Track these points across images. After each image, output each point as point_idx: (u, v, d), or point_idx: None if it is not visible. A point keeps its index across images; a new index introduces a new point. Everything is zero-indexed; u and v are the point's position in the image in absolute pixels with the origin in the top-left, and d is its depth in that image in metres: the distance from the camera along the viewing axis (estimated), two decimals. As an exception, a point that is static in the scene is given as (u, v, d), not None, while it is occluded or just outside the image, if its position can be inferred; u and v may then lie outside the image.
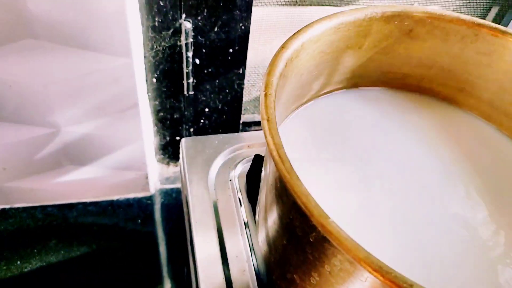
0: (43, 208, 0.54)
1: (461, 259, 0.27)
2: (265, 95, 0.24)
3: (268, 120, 0.23)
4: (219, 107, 0.54)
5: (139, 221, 0.57)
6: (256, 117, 0.59)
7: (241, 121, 0.58)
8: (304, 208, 0.20)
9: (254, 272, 0.34)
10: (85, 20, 0.38)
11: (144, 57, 0.46)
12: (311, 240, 0.22)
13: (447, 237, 0.29)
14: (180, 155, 0.42)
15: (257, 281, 0.33)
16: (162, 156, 0.59)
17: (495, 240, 0.29)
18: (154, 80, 0.48)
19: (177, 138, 0.56)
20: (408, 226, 0.28)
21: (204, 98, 0.53)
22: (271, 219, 0.27)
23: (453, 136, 0.35)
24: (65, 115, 0.46)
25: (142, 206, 0.56)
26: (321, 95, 0.36)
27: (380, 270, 0.18)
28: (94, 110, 0.46)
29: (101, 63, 0.43)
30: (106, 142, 0.50)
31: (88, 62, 0.43)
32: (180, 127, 0.56)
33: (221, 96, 0.53)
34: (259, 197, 0.32)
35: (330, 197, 0.29)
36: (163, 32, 0.44)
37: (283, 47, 0.27)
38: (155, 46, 0.45)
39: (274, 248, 0.28)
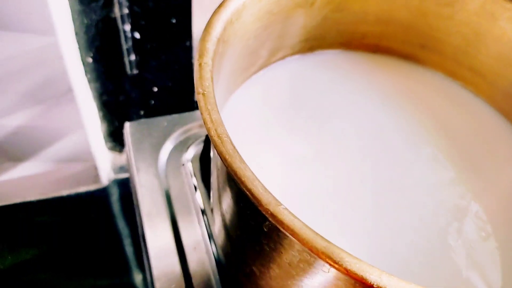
0: (-18, 212, 0.49)
1: (423, 226, 0.25)
2: (200, 64, 0.20)
3: (203, 94, 0.19)
4: (169, 85, 0.50)
5: (95, 214, 0.53)
6: (211, 93, 0.55)
7: (194, 100, 0.53)
8: (250, 195, 0.16)
9: (214, 263, 0.31)
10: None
11: (76, 34, 0.41)
12: (265, 230, 0.19)
13: (410, 204, 0.27)
14: (125, 142, 0.38)
15: (218, 273, 0.30)
16: (113, 143, 0.54)
17: (460, 203, 0.27)
18: (90, 60, 0.43)
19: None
20: (370, 198, 0.26)
21: (150, 77, 0.48)
22: (224, 206, 0.24)
23: (417, 96, 0.33)
24: (-10, 107, 0.40)
25: (95, 199, 0.52)
26: (273, 62, 0.32)
27: (342, 261, 0.15)
28: (24, 99, 0.41)
29: (24, 45, 0.38)
30: (43, 133, 0.45)
31: (8, 44, 0.37)
32: (129, 111, 0.51)
33: (169, 74, 0.49)
34: (211, 182, 0.28)
35: (286, 178, 0.26)
36: (93, 3, 0.39)
37: (220, 6, 0.23)
38: (85, 21, 0.40)
39: (230, 239, 0.25)
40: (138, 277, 0.61)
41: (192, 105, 0.54)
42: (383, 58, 0.35)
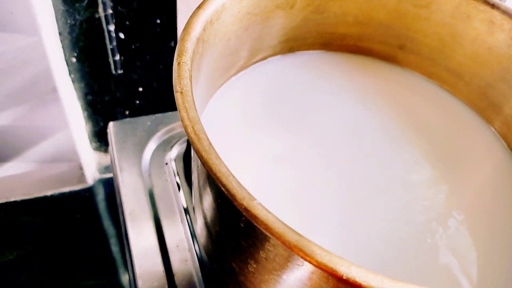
0: (-35, 212, 0.48)
1: (398, 220, 0.26)
2: (178, 63, 0.21)
3: (181, 93, 0.19)
4: (154, 85, 0.50)
5: (78, 215, 0.53)
6: (197, 93, 0.55)
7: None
8: (225, 190, 0.17)
9: (197, 261, 0.31)
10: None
11: (60, 34, 0.41)
12: (241, 225, 0.19)
13: (386, 199, 0.27)
14: (109, 141, 0.38)
15: (201, 270, 0.31)
16: (99, 143, 0.54)
17: (436, 199, 0.28)
18: (74, 59, 0.43)
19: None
20: (347, 193, 0.26)
21: (135, 77, 0.48)
22: (205, 204, 0.24)
23: (395, 96, 0.33)
24: (-28, 107, 0.40)
25: (80, 199, 0.52)
26: (254, 63, 0.32)
27: (313, 254, 0.15)
28: (8, 99, 0.41)
29: (7, 44, 0.38)
30: (27, 133, 0.45)
31: (-10, 44, 0.37)
32: (114, 111, 0.51)
33: (154, 74, 0.49)
34: (192, 180, 0.29)
35: (266, 176, 0.27)
36: (77, 4, 0.39)
37: (199, 7, 0.24)
38: (69, 21, 0.40)
39: (211, 236, 0.25)
40: (124, 277, 0.61)
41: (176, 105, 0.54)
42: (362, 58, 0.35)
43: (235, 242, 0.21)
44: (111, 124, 0.38)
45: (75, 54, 0.43)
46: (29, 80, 0.40)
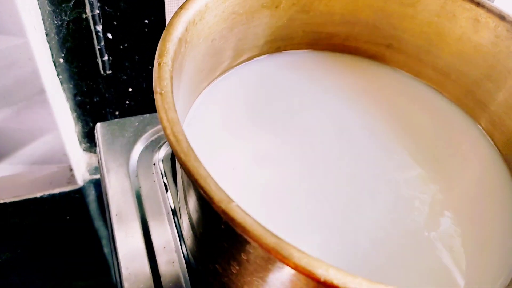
0: (-47, 215, 0.48)
1: (385, 219, 0.26)
2: (159, 64, 0.21)
3: (161, 94, 0.19)
4: (144, 86, 0.50)
5: (68, 217, 0.53)
6: (188, 93, 0.55)
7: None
8: (203, 193, 0.17)
9: (184, 262, 0.31)
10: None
11: (46, 35, 0.41)
12: (222, 227, 0.19)
13: (373, 198, 0.27)
14: (96, 142, 0.38)
15: (188, 272, 0.31)
16: (88, 144, 0.54)
17: (424, 197, 0.28)
18: (62, 60, 0.43)
19: (103, 123, 0.52)
20: (333, 192, 0.26)
21: (125, 78, 0.48)
22: (189, 205, 0.24)
23: (383, 95, 0.33)
24: (-42, 108, 0.40)
25: (70, 200, 0.51)
26: (240, 63, 0.32)
27: (291, 256, 0.15)
28: (-6, 100, 0.41)
29: (-8, 45, 0.37)
30: (16, 135, 0.44)
31: (-24, 45, 0.37)
32: (103, 111, 0.51)
33: (144, 74, 0.49)
34: (177, 181, 0.29)
35: (250, 176, 0.27)
36: (63, 4, 0.39)
37: (181, 8, 0.24)
38: (56, 21, 0.40)
39: (196, 237, 0.25)
40: (115, 278, 0.60)
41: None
42: (350, 57, 0.35)
43: (217, 243, 0.21)
44: (98, 125, 0.38)
45: (63, 55, 0.43)
46: (16, 82, 0.40)
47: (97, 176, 0.54)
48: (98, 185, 0.54)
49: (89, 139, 0.53)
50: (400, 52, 0.34)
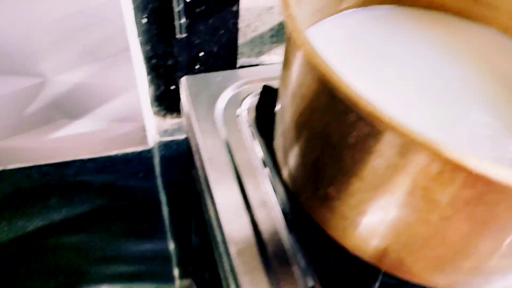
0: (39, 167, 0.51)
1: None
2: None
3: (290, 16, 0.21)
4: (214, 50, 0.51)
5: (140, 175, 0.55)
6: (253, 61, 0.56)
7: (237, 66, 0.55)
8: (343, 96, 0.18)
9: (280, 212, 0.32)
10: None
11: (132, -5, 0.43)
12: (350, 141, 0.20)
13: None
14: (182, 94, 0.40)
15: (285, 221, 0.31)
16: (158, 108, 0.56)
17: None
18: (144, 20, 0.45)
19: (172, 87, 0.54)
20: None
21: (198, 41, 0.50)
22: (301, 133, 0.25)
23: (471, 49, 0.34)
24: (52, 62, 0.42)
25: (142, 160, 0.54)
26: (329, 16, 0.33)
27: (440, 152, 0.16)
28: (83, 56, 0.43)
29: (87, 1, 0.40)
30: (99, 91, 0.47)
31: (69, 0, 0.39)
32: (174, 75, 0.53)
33: (216, 38, 0.50)
34: (278, 115, 0.30)
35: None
36: (151, -36, 0.41)
37: None
38: (144, -19, 0.42)
39: (301, 169, 0.27)
40: (171, 244, 0.63)
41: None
42: (435, 14, 0.36)
43: (337, 163, 0.22)
44: (184, 79, 0.40)
45: (145, 15, 0.45)
46: (105, 38, 0.42)
47: (166, 139, 0.56)
48: (167, 146, 0.56)
49: (159, 103, 0.55)
50: (489, 8, 0.34)
